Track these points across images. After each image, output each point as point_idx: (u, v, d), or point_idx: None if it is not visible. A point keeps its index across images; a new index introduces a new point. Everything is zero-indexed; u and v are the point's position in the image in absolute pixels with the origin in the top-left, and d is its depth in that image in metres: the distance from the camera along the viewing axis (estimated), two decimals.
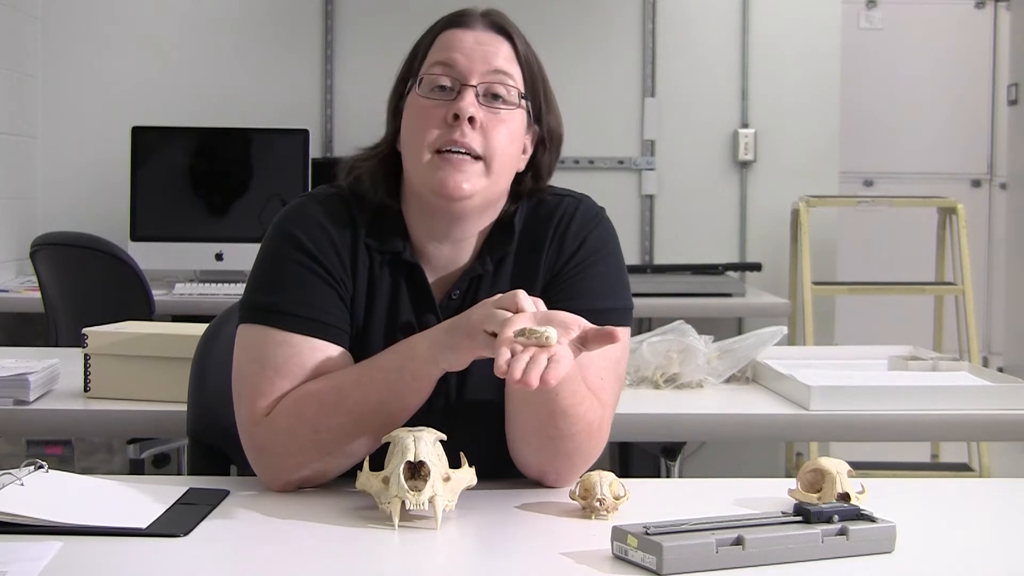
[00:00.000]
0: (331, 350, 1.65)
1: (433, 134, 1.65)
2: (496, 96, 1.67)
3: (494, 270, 1.72)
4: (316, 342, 1.64)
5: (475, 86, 1.66)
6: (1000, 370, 4.57)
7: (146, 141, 4.49)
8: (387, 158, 1.74)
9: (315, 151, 4.66)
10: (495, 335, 1.47)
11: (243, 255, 4.39)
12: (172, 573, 1.35)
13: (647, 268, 4.69)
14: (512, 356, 1.43)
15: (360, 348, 1.68)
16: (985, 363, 6.12)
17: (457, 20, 1.72)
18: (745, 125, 4.93)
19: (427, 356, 1.57)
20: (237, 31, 4.91)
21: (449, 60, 1.68)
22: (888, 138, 6.74)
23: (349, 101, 4.88)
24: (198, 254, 4.44)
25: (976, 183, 6.83)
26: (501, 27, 1.72)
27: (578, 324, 1.50)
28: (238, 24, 4.91)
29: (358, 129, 4.85)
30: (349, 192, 1.74)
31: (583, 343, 1.51)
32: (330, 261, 1.68)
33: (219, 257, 4.43)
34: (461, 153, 1.64)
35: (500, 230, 1.73)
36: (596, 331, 1.50)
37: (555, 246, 1.73)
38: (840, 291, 4.85)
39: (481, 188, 1.66)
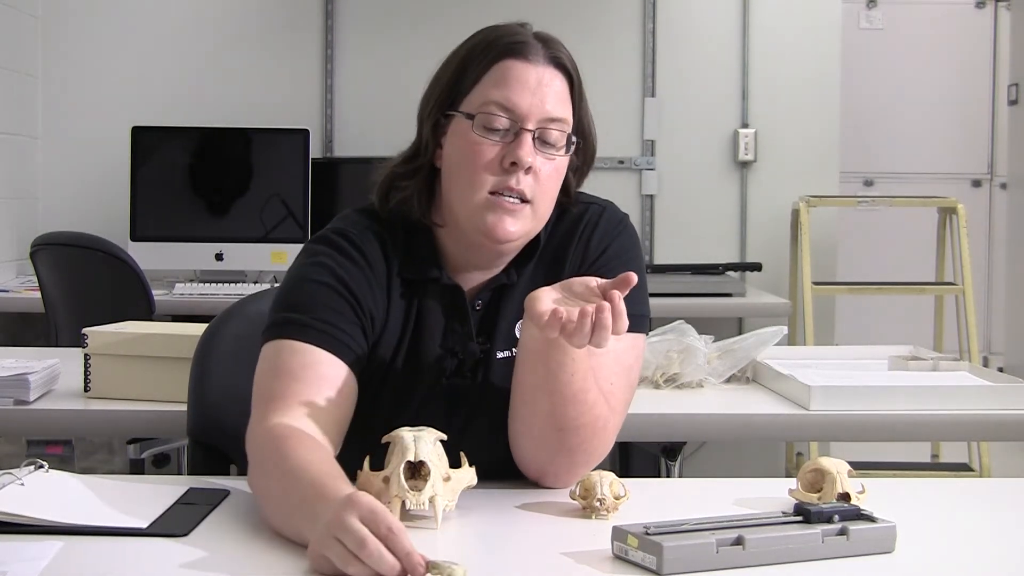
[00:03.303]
0: (341, 368, 1.62)
1: (488, 177, 1.64)
2: (549, 142, 1.66)
3: (518, 279, 1.73)
4: (329, 356, 1.61)
5: (532, 131, 1.64)
6: (1000, 370, 4.57)
7: (146, 141, 4.49)
8: (428, 176, 1.71)
9: (315, 151, 4.66)
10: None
11: (243, 255, 4.40)
12: (172, 573, 1.34)
13: (647, 268, 4.68)
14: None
15: (390, 376, 1.68)
16: (985, 363, 6.12)
17: (516, 50, 1.66)
18: (745, 125, 4.93)
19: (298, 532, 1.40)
20: (237, 31, 4.91)
21: (508, 102, 1.64)
22: (888, 138, 6.74)
23: (349, 101, 4.88)
24: (198, 254, 4.44)
25: (976, 183, 6.83)
26: (560, 62, 1.68)
27: (596, 282, 1.50)
28: (238, 24, 4.91)
29: (358, 129, 4.85)
30: (380, 220, 1.71)
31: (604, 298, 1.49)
32: (363, 294, 1.65)
33: (219, 257, 4.43)
34: (514, 198, 1.64)
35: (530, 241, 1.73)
36: (611, 283, 1.49)
37: (579, 253, 1.74)
38: (840, 291, 4.85)
39: (527, 230, 1.67)
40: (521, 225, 1.65)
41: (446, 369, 1.70)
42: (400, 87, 4.59)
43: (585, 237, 1.74)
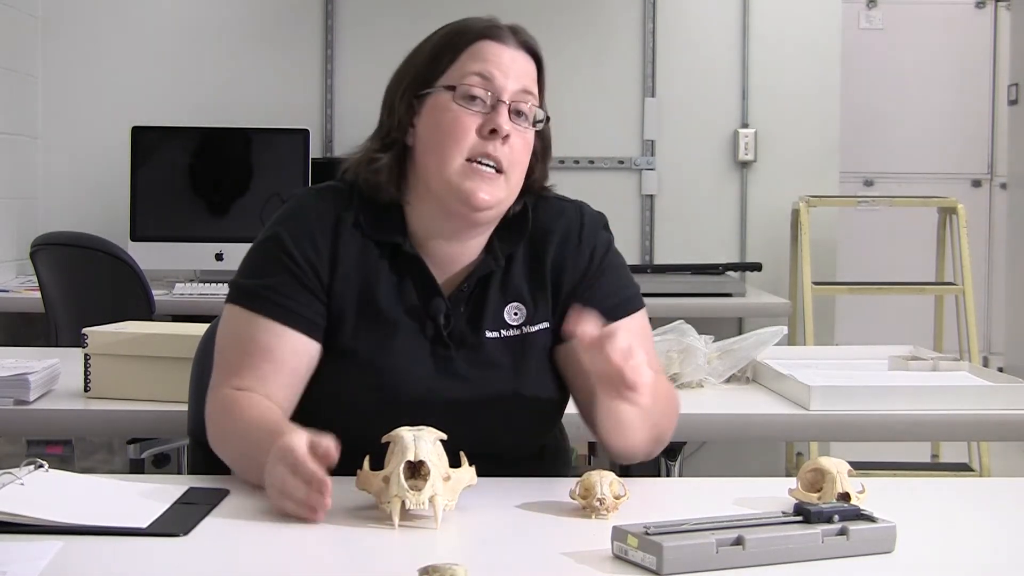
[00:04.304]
0: (292, 335, 1.73)
1: (467, 143, 1.73)
2: (520, 114, 1.76)
3: (505, 265, 1.80)
4: (276, 325, 1.73)
5: (507, 103, 1.74)
6: (1000, 370, 4.57)
7: (146, 141, 4.49)
8: (400, 153, 1.79)
9: (315, 151, 4.66)
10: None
11: (243, 255, 4.38)
12: (172, 573, 1.35)
13: (647, 268, 4.69)
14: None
15: (362, 332, 1.75)
16: (985, 363, 6.12)
17: (491, 33, 1.77)
18: (745, 125, 4.92)
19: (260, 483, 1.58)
20: (237, 31, 4.91)
21: (487, 73, 1.74)
22: (888, 138, 6.74)
23: (349, 101, 4.88)
24: (198, 254, 4.44)
25: (976, 183, 6.83)
26: (531, 48, 1.79)
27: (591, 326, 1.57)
28: (238, 24, 4.91)
29: (358, 129, 4.81)
30: (349, 186, 1.81)
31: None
32: (304, 254, 1.76)
33: (219, 257, 4.43)
34: (490, 166, 1.73)
35: (510, 227, 1.81)
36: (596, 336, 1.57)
37: (571, 254, 1.82)
38: (840, 291, 4.85)
39: (501, 199, 1.75)
40: (496, 193, 1.74)
41: (425, 330, 1.76)
42: None
43: (574, 238, 1.83)
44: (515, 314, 1.79)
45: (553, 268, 1.81)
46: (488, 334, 1.77)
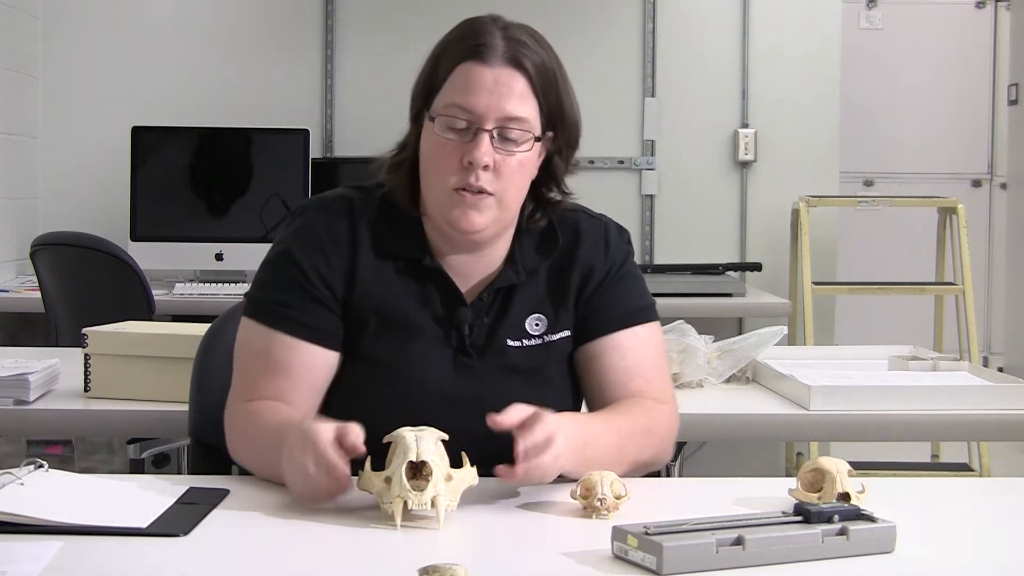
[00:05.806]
0: (307, 348, 1.74)
1: (449, 175, 1.72)
2: (509, 139, 1.72)
3: (528, 278, 1.81)
4: (290, 339, 1.74)
5: (490, 130, 1.71)
6: (1000, 370, 4.57)
7: (146, 141, 4.49)
8: (412, 166, 1.79)
9: (315, 151, 4.66)
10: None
11: (243, 255, 4.39)
12: (172, 573, 1.35)
13: (647, 268, 4.69)
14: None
15: (384, 338, 1.75)
16: (985, 363, 6.12)
17: (476, 53, 1.72)
18: (745, 125, 4.92)
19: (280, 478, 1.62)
20: (237, 31, 4.91)
21: (466, 104, 1.70)
22: (888, 138, 6.74)
23: (349, 101, 4.88)
24: (198, 254, 4.44)
25: (976, 183, 6.83)
26: (519, 62, 1.73)
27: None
28: (238, 24, 4.91)
29: (358, 129, 4.85)
30: (363, 193, 1.81)
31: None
32: (315, 268, 1.75)
33: (219, 257, 4.43)
34: (474, 192, 1.71)
35: (537, 242, 1.82)
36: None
37: (598, 265, 1.83)
38: (840, 291, 4.85)
39: (493, 220, 1.74)
40: (487, 215, 1.73)
41: (449, 339, 1.77)
42: (400, 87, 4.55)
43: (601, 250, 1.84)
44: (536, 325, 1.80)
45: (580, 279, 1.81)
46: (510, 343, 1.78)
